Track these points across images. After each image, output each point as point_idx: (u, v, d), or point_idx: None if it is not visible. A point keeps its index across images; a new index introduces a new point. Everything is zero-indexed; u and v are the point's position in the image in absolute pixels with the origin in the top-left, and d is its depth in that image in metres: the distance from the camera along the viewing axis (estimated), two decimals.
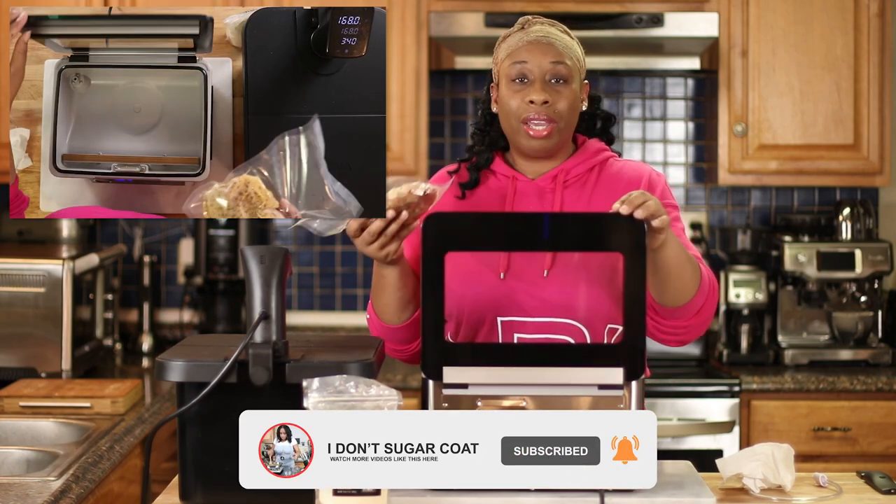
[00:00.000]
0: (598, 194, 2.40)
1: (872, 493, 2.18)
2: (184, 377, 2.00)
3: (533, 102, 2.34)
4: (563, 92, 2.36)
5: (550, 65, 2.36)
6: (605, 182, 2.41)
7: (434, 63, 4.16)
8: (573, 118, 2.39)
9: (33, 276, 3.56)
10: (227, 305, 4.26)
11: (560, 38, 2.39)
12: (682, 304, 2.28)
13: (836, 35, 4.08)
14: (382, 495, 1.87)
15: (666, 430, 3.75)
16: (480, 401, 2.06)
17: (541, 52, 2.36)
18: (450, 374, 2.07)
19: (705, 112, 4.43)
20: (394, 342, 2.41)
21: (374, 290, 2.38)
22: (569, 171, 2.41)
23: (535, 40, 2.37)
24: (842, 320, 4.10)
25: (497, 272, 2.35)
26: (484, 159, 2.45)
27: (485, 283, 2.34)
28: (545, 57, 2.36)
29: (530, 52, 2.37)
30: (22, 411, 3.10)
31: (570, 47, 2.40)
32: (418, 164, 4.10)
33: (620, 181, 2.41)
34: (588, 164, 2.42)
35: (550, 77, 2.36)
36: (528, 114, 2.35)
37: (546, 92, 2.34)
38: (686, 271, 2.25)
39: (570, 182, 2.41)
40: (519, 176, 2.42)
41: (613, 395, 2.06)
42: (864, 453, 3.82)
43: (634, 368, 2.06)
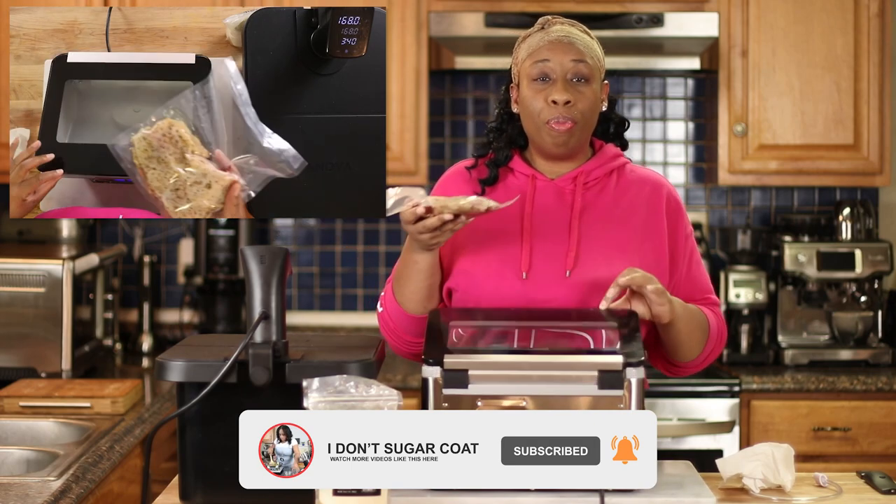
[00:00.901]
0: (623, 200, 2.41)
1: (872, 493, 2.18)
2: (184, 377, 2.00)
3: (555, 103, 2.33)
4: (585, 92, 2.36)
5: (572, 63, 2.35)
6: (626, 189, 2.42)
7: (434, 63, 4.16)
8: (593, 118, 2.40)
9: (33, 276, 3.56)
10: (227, 305, 4.26)
11: (581, 38, 2.39)
12: (691, 359, 2.43)
13: (836, 35, 4.08)
14: (382, 495, 1.87)
15: (666, 430, 3.75)
16: (480, 401, 2.07)
17: (562, 51, 2.36)
18: (450, 361, 2.08)
19: (705, 112, 4.43)
20: (411, 334, 2.41)
21: (400, 278, 2.38)
22: (589, 172, 2.41)
23: (556, 40, 2.37)
24: (842, 320, 4.10)
25: (519, 272, 2.35)
26: (503, 156, 2.44)
27: (506, 282, 2.34)
28: (567, 55, 2.36)
29: (552, 51, 2.36)
30: (22, 411, 3.10)
31: (590, 47, 2.39)
32: (418, 164, 4.10)
33: (644, 189, 2.43)
34: (606, 168, 2.42)
35: (572, 76, 2.35)
36: (551, 115, 2.34)
37: (568, 91, 2.34)
38: (695, 336, 2.39)
39: (591, 184, 2.41)
40: (538, 175, 2.42)
41: (613, 394, 2.06)
42: (864, 453, 3.82)
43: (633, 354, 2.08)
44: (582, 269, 2.34)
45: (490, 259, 2.36)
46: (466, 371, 2.07)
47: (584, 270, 2.34)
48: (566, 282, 2.33)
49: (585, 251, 2.35)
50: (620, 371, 2.06)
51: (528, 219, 2.37)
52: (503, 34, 3.97)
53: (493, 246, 2.37)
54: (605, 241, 2.36)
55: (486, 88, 4.45)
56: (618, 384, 2.06)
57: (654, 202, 2.42)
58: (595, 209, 2.39)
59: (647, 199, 2.41)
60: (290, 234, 4.47)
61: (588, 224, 2.37)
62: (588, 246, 2.36)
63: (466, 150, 4.43)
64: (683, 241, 2.44)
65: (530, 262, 2.35)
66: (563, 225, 2.37)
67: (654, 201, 2.42)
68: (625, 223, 2.39)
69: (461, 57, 4.21)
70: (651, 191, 2.43)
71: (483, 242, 2.38)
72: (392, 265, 4.42)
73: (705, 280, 2.48)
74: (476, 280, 2.35)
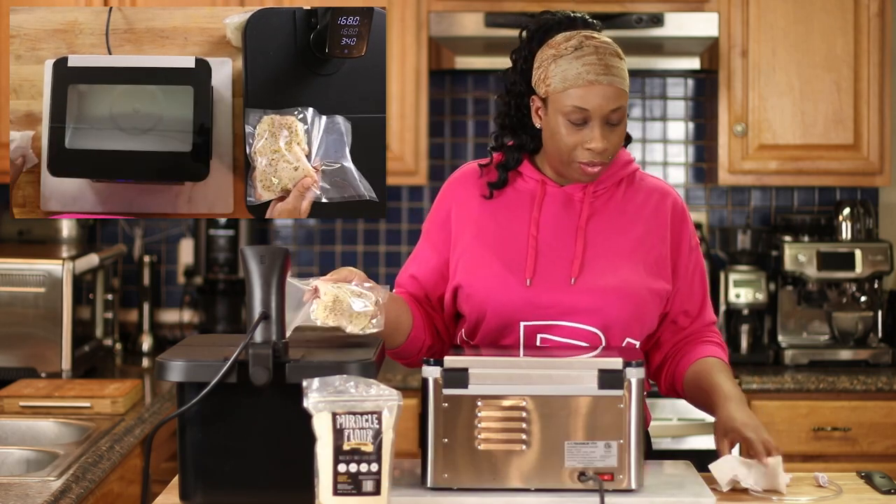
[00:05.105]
0: (629, 208, 2.40)
1: (872, 493, 2.18)
2: (184, 377, 2.00)
3: (592, 150, 2.29)
4: (618, 132, 2.31)
5: (611, 112, 2.28)
6: (634, 197, 2.41)
7: (434, 63, 4.15)
8: (619, 148, 2.37)
9: (33, 276, 3.56)
10: (227, 305, 4.26)
11: (618, 71, 2.29)
12: None
13: (836, 35, 4.08)
14: (382, 495, 1.87)
15: (666, 430, 3.75)
16: (480, 401, 2.07)
17: (602, 97, 2.26)
18: (451, 360, 2.08)
19: (705, 112, 4.43)
20: (396, 358, 2.44)
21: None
22: (599, 182, 2.39)
23: (595, 81, 2.26)
24: (842, 320, 4.10)
25: (523, 278, 2.35)
26: (513, 160, 2.41)
27: (510, 287, 2.34)
28: (607, 103, 2.27)
29: (594, 95, 2.26)
30: (22, 411, 3.10)
31: (625, 78, 2.30)
32: (418, 164, 4.10)
33: (651, 198, 2.42)
34: (617, 177, 2.41)
35: (608, 121, 2.29)
36: (586, 158, 2.30)
37: (605, 139, 2.28)
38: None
39: (600, 193, 2.40)
40: (548, 181, 2.40)
41: (613, 394, 2.06)
42: (864, 453, 3.82)
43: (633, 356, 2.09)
44: (587, 277, 2.33)
45: (495, 262, 2.36)
46: (466, 371, 2.07)
47: (589, 278, 2.33)
48: (570, 289, 2.33)
49: (591, 259, 2.35)
50: (620, 371, 2.06)
51: (535, 224, 2.37)
52: (503, 34, 3.96)
53: (499, 249, 2.37)
54: (610, 248, 2.36)
55: (486, 88, 4.44)
56: (618, 384, 2.06)
57: (660, 211, 2.41)
58: (602, 217, 2.39)
59: (654, 208, 2.41)
60: (290, 234, 4.48)
61: (595, 231, 2.37)
62: (594, 253, 2.35)
63: (467, 149, 4.43)
64: (687, 252, 2.43)
65: (535, 268, 2.35)
66: (570, 232, 2.37)
67: (660, 210, 2.41)
68: (630, 231, 2.38)
69: (461, 57, 4.21)
70: (658, 200, 2.42)
71: (490, 246, 2.37)
72: (392, 265, 4.44)
73: (705, 297, 2.48)
74: (481, 283, 2.35)
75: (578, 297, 2.32)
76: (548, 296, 2.33)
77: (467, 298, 2.36)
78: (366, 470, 1.88)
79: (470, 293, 2.36)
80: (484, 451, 2.06)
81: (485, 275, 2.35)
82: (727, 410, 2.25)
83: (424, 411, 2.08)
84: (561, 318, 2.33)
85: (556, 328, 2.33)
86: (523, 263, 2.35)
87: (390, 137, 4.04)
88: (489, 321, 2.35)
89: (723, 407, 2.27)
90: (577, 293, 2.33)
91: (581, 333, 2.32)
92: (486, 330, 2.36)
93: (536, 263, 2.35)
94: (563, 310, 2.32)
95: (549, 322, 2.33)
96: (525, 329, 2.33)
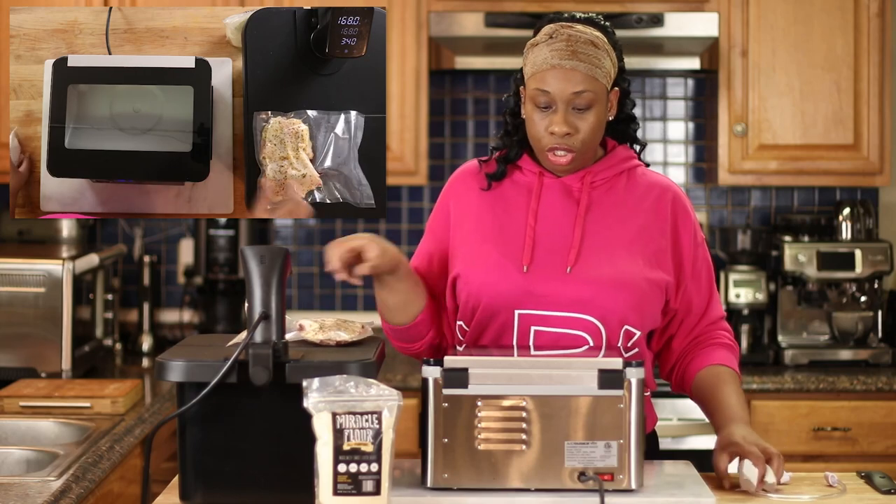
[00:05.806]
0: (629, 200, 2.40)
1: (872, 493, 2.18)
2: (184, 377, 2.00)
3: (554, 133, 2.31)
4: (587, 118, 2.31)
5: (573, 95, 2.29)
6: (634, 190, 2.42)
7: (434, 63, 4.15)
8: (596, 139, 2.36)
9: (33, 276, 3.56)
10: (227, 305, 4.26)
11: (586, 57, 2.30)
12: None
13: (836, 35, 4.08)
14: (382, 495, 1.87)
15: (666, 430, 3.74)
16: (480, 401, 2.07)
17: (564, 79, 2.28)
18: (451, 360, 2.08)
19: (705, 112, 4.43)
20: (399, 340, 2.45)
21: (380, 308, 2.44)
22: (596, 173, 2.40)
23: (558, 65, 2.29)
24: (842, 320, 4.10)
25: (520, 265, 2.35)
26: (514, 153, 2.43)
27: (507, 275, 2.34)
28: (567, 85, 2.28)
29: (555, 78, 2.29)
30: (22, 411, 3.10)
31: (596, 65, 2.31)
32: (418, 164, 4.10)
33: (651, 191, 2.42)
34: (615, 170, 2.41)
35: (573, 106, 2.30)
36: (551, 143, 2.32)
37: (567, 123, 2.29)
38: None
39: (598, 184, 2.40)
40: (546, 173, 2.41)
41: (613, 394, 2.06)
42: (864, 453, 3.82)
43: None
44: (583, 266, 2.34)
45: (493, 252, 2.36)
46: (466, 370, 2.07)
47: (586, 267, 2.34)
48: (566, 277, 2.33)
49: (588, 248, 2.35)
50: (620, 371, 2.06)
51: (533, 214, 2.37)
52: (503, 34, 3.96)
53: (497, 237, 2.37)
54: (608, 239, 2.36)
55: (486, 88, 4.45)
56: (618, 384, 2.06)
57: (661, 205, 2.41)
58: (601, 208, 2.39)
59: (654, 201, 2.41)
60: (290, 234, 4.47)
61: (592, 222, 2.37)
62: (591, 243, 2.35)
63: (466, 149, 4.43)
64: (692, 247, 2.42)
65: (532, 257, 2.35)
66: (568, 221, 2.37)
67: (661, 204, 2.41)
68: (629, 223, 2.38)
69: (461, 57, 4.21)
70: (659, 194, 2.42)
71: (488, 234, 2.38)
72: None
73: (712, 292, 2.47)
74: (478, 270, 2.36)
75: (574, 286, 2.32)
76: (544, 284, 2.33)
77: (465, 286, 2.37)
78: (366, 470, 1.88)
79: (467, 281, 2.36)
80: (484, 451, 2.06)
81: (482, 263, 2.36)
82: (729, 430, 2.27)
83: (424, 411, 2.08)
84: (557, 308, 2.32)
85: (551, 318, 2.33)
86: (520, 253, 2.35)
87: (390, 137, 4.04)
88: (485, 308, 2.35)
89: (725, 428, 2.29)
90: (573, 282, 2.33)
91: (577, 322, 2.32)
92: (482, 317, 2.36)
93: (534, 253, 2.35)
94: (559, 298, 2.32)
95: (544, 311, 2.33)
96: (520, 318, 2.33)
